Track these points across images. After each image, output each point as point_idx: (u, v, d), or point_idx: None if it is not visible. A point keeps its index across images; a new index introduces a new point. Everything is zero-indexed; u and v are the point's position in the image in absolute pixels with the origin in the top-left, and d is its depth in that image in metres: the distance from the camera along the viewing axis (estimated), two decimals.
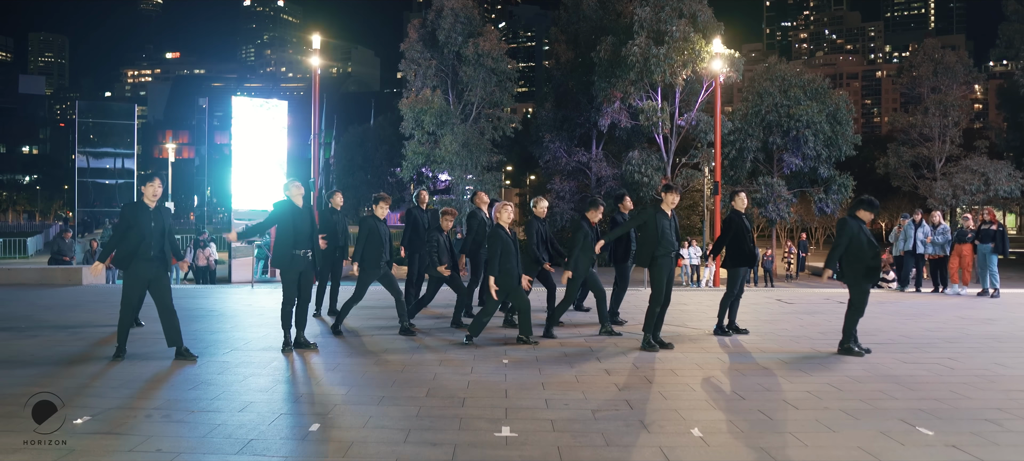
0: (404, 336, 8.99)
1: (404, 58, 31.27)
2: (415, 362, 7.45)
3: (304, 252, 7.87)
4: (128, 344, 7.60)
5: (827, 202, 33.35)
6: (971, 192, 33.52)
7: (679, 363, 7.56)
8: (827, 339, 9.03)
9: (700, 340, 8.94)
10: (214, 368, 7.10)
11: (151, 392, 6.15)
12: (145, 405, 5.70)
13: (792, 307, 12.64)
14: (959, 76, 37.09)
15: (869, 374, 7.05)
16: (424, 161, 30.44)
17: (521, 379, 6.69)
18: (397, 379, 6.66)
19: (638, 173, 31.64)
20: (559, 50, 37.24)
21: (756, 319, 10.85)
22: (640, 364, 7.46)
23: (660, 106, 30.83)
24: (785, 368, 7.33)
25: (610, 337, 9.02)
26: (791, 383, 6.67)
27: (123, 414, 5.42)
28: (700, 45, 29.66)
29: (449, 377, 6.75)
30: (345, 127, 45.14)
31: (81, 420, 5.26)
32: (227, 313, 11.50)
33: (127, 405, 5.67)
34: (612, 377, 6.84)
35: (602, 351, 8.14)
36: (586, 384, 6.52)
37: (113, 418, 5.32)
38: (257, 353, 7.91)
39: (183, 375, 6.78)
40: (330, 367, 7.24)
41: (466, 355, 7.80)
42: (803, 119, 31.42)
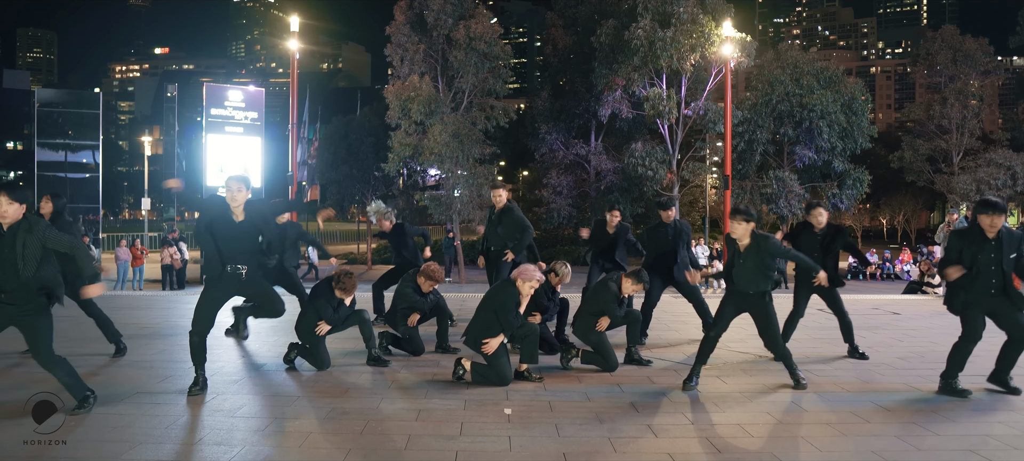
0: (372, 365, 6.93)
1: (390, 42, 29.06)
2: (381, 414, 5.35)
3: (237, 268, 5.78)
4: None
5: (841, 197, 31.37)
6: (997, 187, 31.58)
7: (746, 413, 5.47)
8: (910, 366, 7.02)
9: (754, 369, 6.86)
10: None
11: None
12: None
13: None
14: (980, 64, 35.15)
15: (1016, 433, 5.01)
16: (411, 153, 28.28)
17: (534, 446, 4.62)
18: (360, 442, 4.57)
19: (641, 166, 29.55)
20: (556, 35, 35.11)
21: (809, 338, 8.78)
22: (696, 420, 5.39)
23: (666, 94, 28.72)
24: (887, 418, 5.26)
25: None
26: (914, 450, 4.60)
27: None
28: (710, 27, 27.58)
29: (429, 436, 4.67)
30: (329, 119, 42.90)
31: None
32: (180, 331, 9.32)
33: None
34: (660, 440, 4.78)
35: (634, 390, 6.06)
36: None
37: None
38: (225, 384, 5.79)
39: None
40: (277, 416, 5.13)
41: (456, 403, 5.71)
42: (817, 109, 29.42)
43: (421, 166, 32.36)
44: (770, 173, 30.91)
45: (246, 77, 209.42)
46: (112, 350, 7.37)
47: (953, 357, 5.95)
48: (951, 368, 5.98)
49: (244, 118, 22.36)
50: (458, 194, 28.62)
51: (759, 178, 31.38)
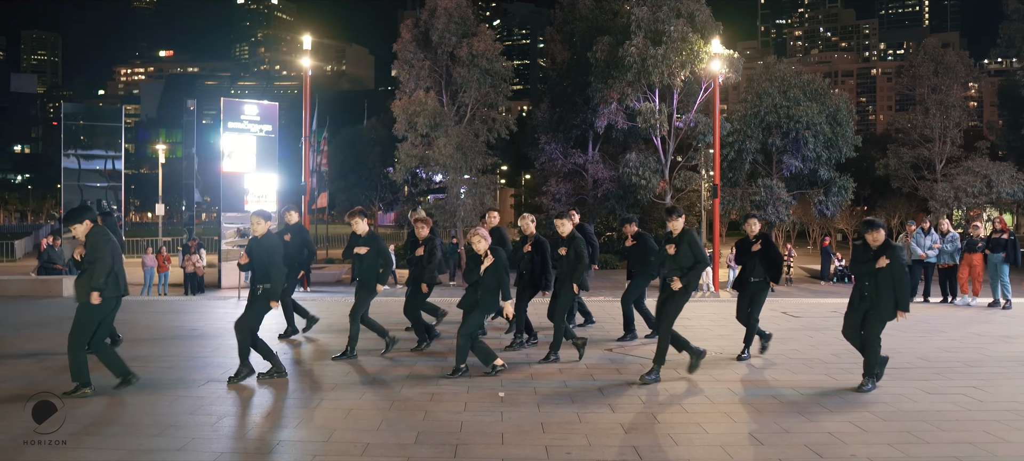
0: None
1: (397, 59, 30.71)
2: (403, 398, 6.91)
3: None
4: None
5: (827, 204, 32.87)
6: (973, 194, 33.07)
7: (690, 398, 7.04)
8: (842, 363, 8.53)
9: (712, 366, 8.41)
10: (186, 406, 6.56)
11: (110, 437, 5.59)
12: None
13: (800, 322, 12.14)
14: (960, 76, 36.63)
15: (892, 410, 6.54)
16: (417, 163, 29.93)
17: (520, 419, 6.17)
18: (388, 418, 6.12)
19: (635, 175, 31.11)
20: (555, 50, 36.70)
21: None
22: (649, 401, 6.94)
23: (658, 107, 30.31)
24: (804, 403, 6.81)
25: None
26: (812, 423, 6.15)
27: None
28: (698, 45, 29.14)
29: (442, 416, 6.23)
30: (338, 127, 44.60)
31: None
32: (210, 332, 10.88)
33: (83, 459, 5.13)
34: (616, 415, 6.32)
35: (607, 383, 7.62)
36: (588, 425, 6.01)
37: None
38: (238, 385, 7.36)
39: (148, 414, 6.23)
40: (302, 404, 6.70)
41: (460, 388, 7.27)
42: (803, 120, 30.93)
43: (427, 174, 33.93)
44: (759, 181, 32.40)
45: (250, 80, 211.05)
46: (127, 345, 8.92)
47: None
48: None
49: (259, 131, 23.87)
50: (462, 200, 30.19)
51: (749, 186, 32.85)
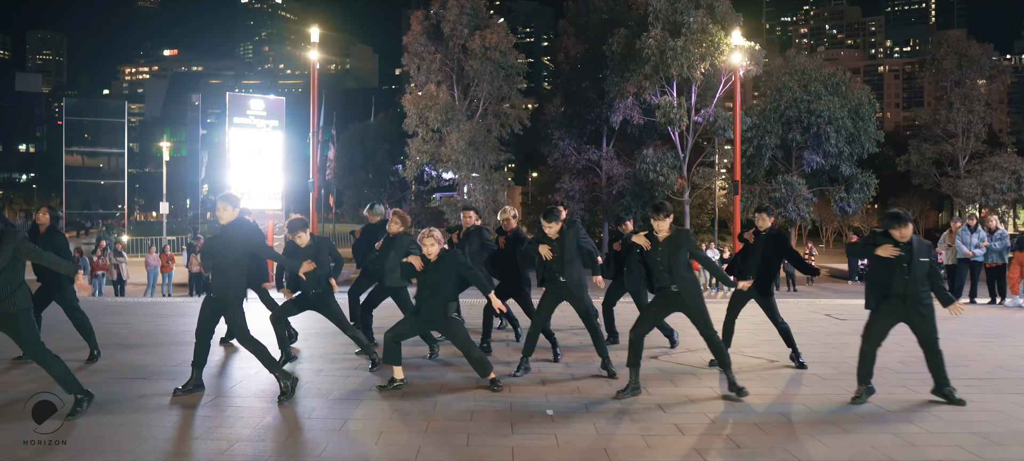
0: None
1: (406, 52, 29.86)
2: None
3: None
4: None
5: (849, 201, 32.02)
6: (1002, 191, 32.17)
7: (767, 415, 6.17)
8: (914, 372, 7.66)
9: (779, 380, 7.55)
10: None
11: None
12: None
13: (848, 325, 11.27)
14: (984, 69, 35.73)
15: (1002, 430, 5.67)
16: (429, 159, 29.09)
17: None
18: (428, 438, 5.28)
19: (652, 172, 30.24)
20: (568, 44, 35.84)
21: (815, 343, 9.45)
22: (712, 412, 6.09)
23: (676, 101, 29.42)
24: (892, 419, 5.94)
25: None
26: (913, 447, 5.28)
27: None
28: (719, 37, 28.29)
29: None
30: (345, 124, 43.77)
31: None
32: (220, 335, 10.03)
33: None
34: (685, 438, 5.48)
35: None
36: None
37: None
38: (247, 399, 6.52)
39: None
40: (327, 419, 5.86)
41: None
42: (824, 115, 30.07)
43: (437, 171, 33.14)
44: (779, 177, 31.55)
45: (254, 79, 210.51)
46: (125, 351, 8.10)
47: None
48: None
49: (265, 126, 23.13)
50: (475, 197, 29.34)
51: (768, 182, 32.01)
